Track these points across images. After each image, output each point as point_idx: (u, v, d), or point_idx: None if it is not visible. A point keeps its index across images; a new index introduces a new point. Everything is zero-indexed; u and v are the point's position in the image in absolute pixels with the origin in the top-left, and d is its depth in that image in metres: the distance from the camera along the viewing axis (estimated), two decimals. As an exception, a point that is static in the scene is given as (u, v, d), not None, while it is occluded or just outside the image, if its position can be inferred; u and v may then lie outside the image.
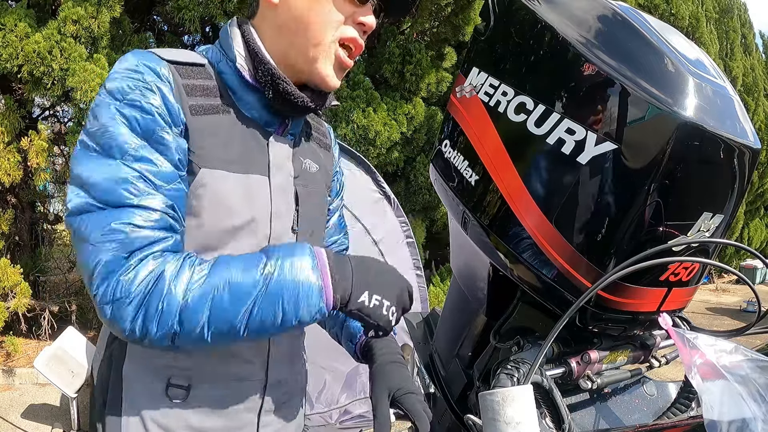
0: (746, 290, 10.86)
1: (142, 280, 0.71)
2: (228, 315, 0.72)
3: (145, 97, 0.77)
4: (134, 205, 0.73)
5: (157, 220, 0.74)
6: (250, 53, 0.87)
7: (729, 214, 0.75)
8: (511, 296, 0.89)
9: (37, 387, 4.27)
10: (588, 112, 0.71)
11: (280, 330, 0.76)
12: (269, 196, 0.89)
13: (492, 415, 0.62)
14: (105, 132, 0.75)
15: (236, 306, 0.73)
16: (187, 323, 0.72)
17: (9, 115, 4.16)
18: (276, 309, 0.74)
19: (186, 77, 0.83)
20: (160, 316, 0.71)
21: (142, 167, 0.75)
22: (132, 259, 0.71)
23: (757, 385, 0.60)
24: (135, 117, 0.76)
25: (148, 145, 0.76)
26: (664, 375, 1.00)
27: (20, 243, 5.06)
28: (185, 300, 0.72)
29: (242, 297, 0.73)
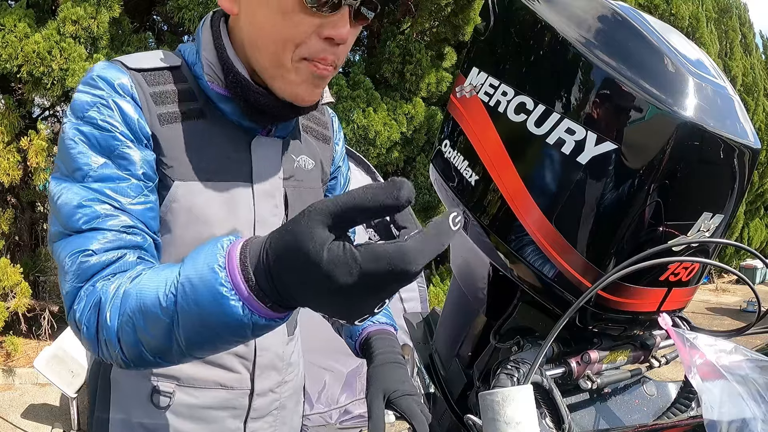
0: (746, 290, 10.87)
1: (89, 309, 0.67)
2: (157, 342, 0.60)
3: (101, 114, 0.74)
4: (91, 228, 0.70)
5: (112, 241, 0.70)
6: (219, 59, 0.80)
7: (729, 214, 0.75)
8: (511, 296, 0.89)
9: (37, 387, 4.27)
10: (588, 112, 0.71)
11: (222, 349, 0.61)
12: (251, 204, 0.84)
13: (492, 415, 0.62)
14: (67, 154, 0.74)
15: (157, 332, 0.60)
16: (126, 343, 0.63)
17: (9, 115, 4.16)
18: (200, 336, 0.57)
19: (154, 84, 0.79)
20: (108, 343, 0.65)
21: (102, 187, 0.72)
22: (84, 288, 0.69)
23: (757, 385, 0.60)
24: (94, 135, 0.73)
25: (110, 162, 0.73)
26: (664, 375, 1.00)
27: (20, 243, 5.06)
28: (119, 323, 0.63)
29: (158, 325, 0.59)
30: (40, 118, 4.97)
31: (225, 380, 0.90)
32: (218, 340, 0.57)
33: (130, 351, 0.63)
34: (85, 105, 0.75)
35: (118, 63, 0.79)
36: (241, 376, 0.91)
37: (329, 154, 1.03)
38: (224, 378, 0.90)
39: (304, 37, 0.73)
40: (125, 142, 0.75)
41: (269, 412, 0.97)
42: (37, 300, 4.68)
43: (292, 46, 0.74)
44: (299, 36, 0.73)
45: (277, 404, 0.98)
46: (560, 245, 0.73)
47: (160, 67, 0.81)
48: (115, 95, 0.75)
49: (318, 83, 0.79)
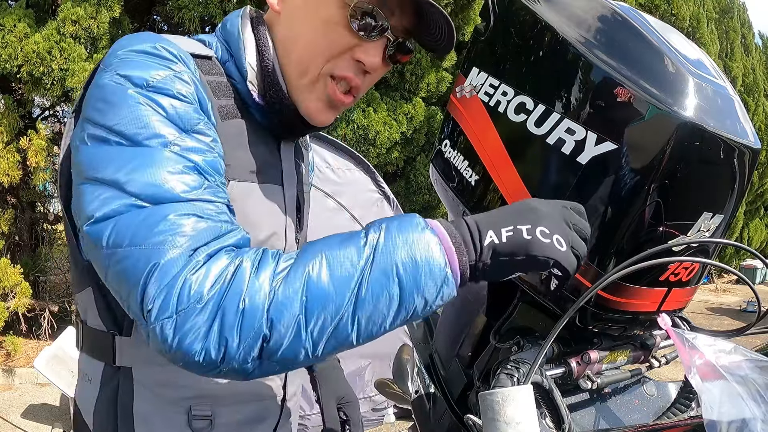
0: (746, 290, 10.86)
1: (217, 277, 0.54)
2: (330, 300, 0.54)
3: (177, 86, 0.65)
4: (190, 198, 0.59)
5: (219, 213, 0.60)
6: (262, 69, 0.76)
7: (729, 214, 0.75)
8: (511, 296, 0.89)
9: (37, 387, 4.27)
10: (588, 112, 0.71)
11: (399, 317, 0.57)
12: (284, 207, 0.83)
13: (492, 415, 0.62)
14: (134, 120, 0.61)
15: (339, 285, 0.54)
16: (280, 320, 0.53)
17: (8, 115, 4.16)
18: (390, 283, 0.55)
19: (206, 72, 0.73)
20: (242, 320, 0.53)
21: (192, 156, 0.62)
22: (199, 255, 0.55)
23: (757, 385, 0.60)
24: (172, 105, 0.63)
25: (190, 134, 0.64)
26: (664, 375, 1.00)
27: (20, 243, 5.06)
28: (273, 291, 0.54)
29: (345, 273, 0.55)
30: (39, 118, 4.98)
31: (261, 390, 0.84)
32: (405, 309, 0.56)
33: (282, 323, 0.53)
34: (154, 74, 0.64)
35: (173, 40, 0.70)
36: (275, 383, 0.87)
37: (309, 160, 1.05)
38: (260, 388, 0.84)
39: (338, 53, 0.73)
40: (205, 119, 0.67)
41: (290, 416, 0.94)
42: (37, 300, 4.68)
43: (324, 58, 0.73)
44: (334, 50, 0.73)
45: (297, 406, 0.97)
46: (560, 245, 0.73)
47: (203, 55, 0.74)
48: (188, 72, 0.67)
49: (332, 106, 0.78)
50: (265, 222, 0.78)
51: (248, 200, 0.75)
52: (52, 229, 5.51)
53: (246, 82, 0.76)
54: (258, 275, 0.55)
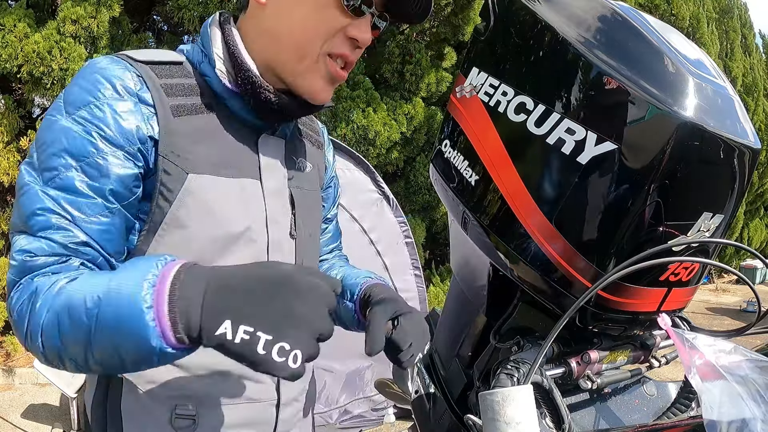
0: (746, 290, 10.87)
1: (24, 298, 0.67)
2: (75, 348, 0.61)
3: (90, 117, 0.71)
4: (40, 236, 0.69)
5: (57, 251, 0.69)
6: (230, 56, 0.80)
7: (729, 214, 0.75)
8: (511, 296, 0.89)
9: (37, 387, 4.27)
10: (588, 112, 0.71)
11: (132, 370, 0.62)
12: (263, 201, 0.83)
13: (492, 415, 0.62)
14: (45, 147, 0.71)
15: (77, 337, 0.60)
16: (46, 346, 0.64)
17: (8, 114, 4.16)
18: (111, 345, 0.59)
19: (164, 77, 0.77)
20: (31, 335, 0.65)
21: (60, 196, 0.69)
22: (22, 281, 0.69)
23: (757, 385, 0.60)
24: (74, 136, 0.70)
25: (78, 167, 0.70)
26: (664, 375, 1.00)
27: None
28: (44, 318, 0.64)
29: (79, 327, 0.60)
30: (39, 118, 4.98)
31: (250, 392, 0.84)
32: (124, 356, 0.59)
33: (51, 349, 0.63)
34: (78, 102, 0.72)
35: (125, 57, 0.76)
36: (266, 386, 0.86)
37: (322, 161, 1.04)
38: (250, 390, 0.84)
39: (333, 33, 0.78)
40: (104, 150, 0.71)
41: (294, 424, 0.93)
42: (37, 300, 4.69)
43: (321, 40, 0.78)
44: (330, 31, 0.78)
45: (300, 414, 0.95)
46: (560, 245, 0.73)
47: (167, 61, 0.80)
48: (113, 98, 0.72)
49: (333, 83, 0.83)
50: (234, 215, 0.79)
51: (211, 193, 0.76)
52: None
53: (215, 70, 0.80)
54: (40, 301, 0.65)
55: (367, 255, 3.65)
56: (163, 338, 0.56)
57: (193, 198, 0.75)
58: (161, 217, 0.75)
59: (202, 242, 0.76)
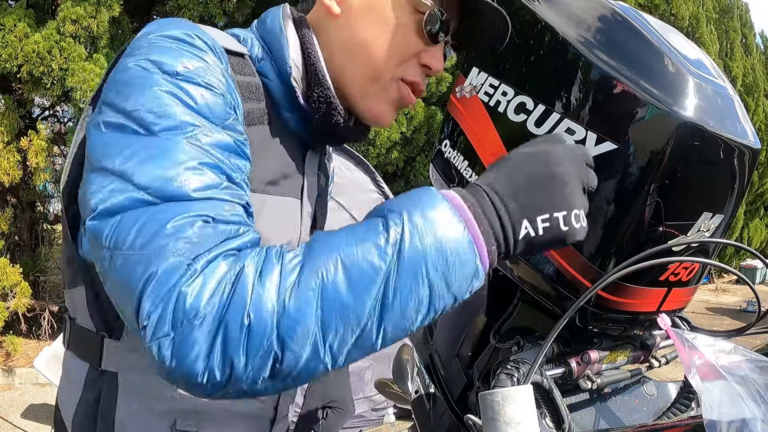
0: (746, 290, 10.86)
1: (215, 288, 0.48)
2: (350, 310, 0.49)
3: (209, 77, 0.60)
4: (202, 198, 0.53)
5: (232, 215, 0.54)
6: (307, 69, 0.72)
7: (729, 214, 0.75)
8: (511, 296, 0.89)
9: (37, 387, 4.27)
10: (588, 112, 0.71)
11: (427, 318, 0.53)
12: (299, 222, 0.78)
13: (492, 415, 0.62)
14: (157, 108, 0.56)
15: (360, 293, 0.49)
16: (292, 337, 0.47)
17: (8, 114, 4.16)
18: (420, 287, 0.51)
19: (238, 72, 0.68)
20: (248, 337, 0.47)
21: (214, 152, 0.56)
22: (198, 262, 0.49)
23: (757, 385, 0.60)
24: (203, 95, 0.58)
25: (219, 129, 0.58)
26: (664, 375, 1.00)
27: (20, 243, 5.06)
28: (281, 301, 0.48)
29: (366, 278, 0.49)
30: (39, 118, 4.97)
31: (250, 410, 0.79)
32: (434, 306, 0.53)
33: (296, 340, 0.47)
34: (184, 61, 0.59)
35: (205, 30, 0.65)
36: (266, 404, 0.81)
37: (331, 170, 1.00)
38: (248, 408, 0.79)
39: (409, 57, 0.73)
40: (236, 115, 0.62)
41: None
42: (37, 300, 4.68)
43: (396, 62, 0.73)
44: (407, 54, 0.73)
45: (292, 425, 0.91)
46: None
47: (236, 51, 0.69)
48: (221, 67, 0.63)
49: (398, 108, 0.78)
50: (275, 236, 0.69)
51: (261, 213, 0.68)
52: (52, 229, 5.51)
53: (290, 79, 0.71)
54: (263, 283, 0.48)
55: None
56: (481, 260, 0.55)
57: None
58: None
59: None
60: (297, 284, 0.49)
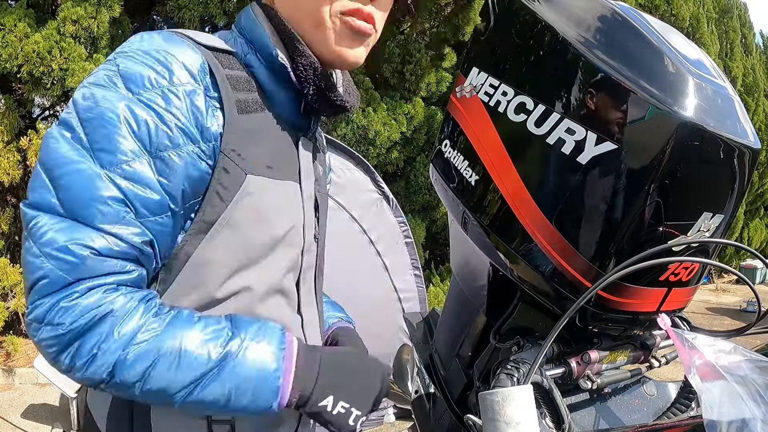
0: (746, 290, 10.86)
1: (84, 313, 0.61)
2: (167, 384, 0.64)
3: (167, 103, 0.64)
4: (103, 230, 0.62)
5: (124, 252, 0.63)
6: (286, 46, 0.76)
7: (729, 214, 0.75)
8: (511, 296, 0.89)
9: (37, 387, 4.27)
10: (588, 112, 0.71)
11: (217, 413, 0.71)
12: (302, 205, 0.82)
13: (492, 415, 0.62)
14: (101, 125, 0.62)
15: (180, 378, 0.64)
16: (119, 377, 0.63)
17: (9, 114, 4.16)
18: (222, 393, 0.66)
19: (227, 66, 0.72)
20: (92, 360, 0.62)
21: (129, 187, 0.63)
22: (79, 286, 0.61)
23: (757, 385, 0.60)
24: (147, 124, 0.63)
25: (149, 160, 0.64)
26: (664, 375, 1.00)
27: (20, 243, 5.05)
28: (125, 353, 0.62)
29: (190, 371, 0.64)
30: (40, 118, 4.97)
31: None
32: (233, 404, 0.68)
33: (120, 380, 0.63)
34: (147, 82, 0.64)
35: (186, 39, 0.70)
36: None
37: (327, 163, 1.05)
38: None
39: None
40: (180, 146, 0.66)
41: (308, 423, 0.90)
42: (37, 300, 4.68)
43: (327, 3, 0.74)
44: None
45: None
46: (560, 245, 0.73)
47: (225, 49, 0.74)
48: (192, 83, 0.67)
49: (357, 39, 0.78)
50: (282, 218, 0.77)
51: (264, 196, 0.73)
52: (52, 229, 5.49)
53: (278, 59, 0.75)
54: (120, 329, 0.63)
55: (367, 255, 3.64)
56: (279, 403, 0.69)
57: (250, 200, 0.71)
58: (214, 217, 0.70)
59: (252, 245, 0.73)
60: (144, 345, 0.63)
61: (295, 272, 0.82)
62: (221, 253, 0.71)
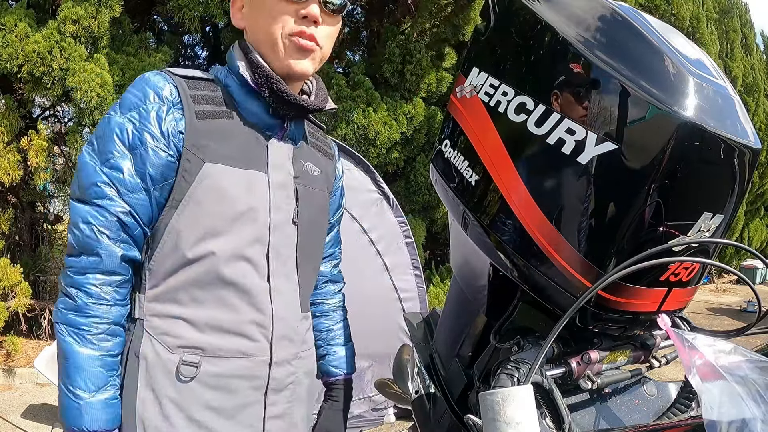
0: (746, 290, 10.86)
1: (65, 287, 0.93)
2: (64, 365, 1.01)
3: (141, 114, 0.93)
4: (97, 205, 0.91)
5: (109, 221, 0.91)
6: (248, 62, 0.99)
7: (729, 214, 0.75)
8: (511, 296, 0.89)
9: (37, 387, 4.27)
10: (588, 112, 0.71)
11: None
12: (268, 190, 1.00)
13: (492, 415, 0.62)
14: (101, 137, 0.93)
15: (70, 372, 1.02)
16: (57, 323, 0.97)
17: (9, 114, 4.16)
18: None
19: (193, 88, 0.98)
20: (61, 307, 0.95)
21: (114, 174, 0.91)
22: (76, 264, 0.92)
23: (757, 385, 0.60)
24: (129, 131, 0.93)
25: (129, 155, 0.92)
26: (664, 375, 1.00)
27: (20, 243, 5.05)
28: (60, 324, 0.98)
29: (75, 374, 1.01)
30: (40, 118, 4.97)
31: (246, 348, 0.99)
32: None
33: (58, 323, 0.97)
34: (130, 105, 0.94)
35: (168, 72, 0.98)
36: (261, 344, 1.00)
37: (332, 169, 1.21)
38: (246, 346, 0.99)
39: (285, 20, 0.96)
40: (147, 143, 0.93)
41: (286, 385, 1.04)
42: (37, 300, 4.67)
43: (278, 28, 0.96)
44: (281, 20, 0.96)
45: (293, 378, 1.06)
46: (560, 245, 0.73)
47: (199, 77, 1.00)
48: (156, 103, 0.94)
49: (301, 54, 0.98)
50: (241, 197, 0.96)
51: (223, 179, 0.95)
52: (52, 229, 5.50)
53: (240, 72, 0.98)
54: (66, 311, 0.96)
55: (367, 255, 3.64)
56: None
57: (209, 181, 0.94)
58: (181, 195, 0.94)
59: (214, 217, 0.94)
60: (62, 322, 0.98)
61: (262, 245, 0.99)
62: (188, 223, 0.94)
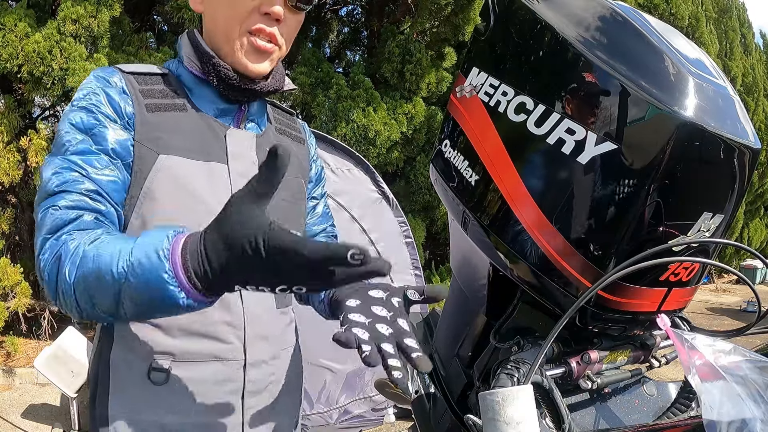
0: (746, 290, 10.86)
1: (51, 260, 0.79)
2: (107, 304, 0.73)
3: (90, 100, 0.90)
4: (60, 191, 0.84)
5: (76, 201, 0.83)
6: (195, 51, 0.97)
7: (729, 214, 0.75)
8: (511, 296, 0.89)
9: (37, 387, 4.27)
10: (588, 112, 0.71)
11: (165, 315, 0.76)
12: (228, 181, 0.95)
13: (492, 415, 0.62)
14: (58, 137, 0.89)
15: (107, 296, 0.73)
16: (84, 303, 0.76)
17: (9, 114, 4.16)
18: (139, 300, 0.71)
19: (143, 84, 0.95)
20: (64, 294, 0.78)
21: (76, 158, 0.86)
22: (49, 240, 0.81)
23: (757, 385, 0.60)
24: (81, 117, 0.88)
25: (87, 137, 0.87)
26: (664, 375, 1.00)
27: (20, 243, 5.05)
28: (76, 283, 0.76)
29: (109, 290, 0.72)
30: (40, 118, 4.97)
31: (219, 351, 0.94)
32: (157, 313, 0.72)
33: (85, 305, 0.75)
34: (80, 97, 0.90)
35: (115, 67, 0.95)
36: (234, 346, 0.95)
37: (305, 153, 1.14)
38: (218, 349, 0.93)
39: (245, 15, 0.91)
40: (104, 122, 0.88)
41: (265, 387, 0.99)
42: (37, 300, 4.67)
43: (237, 22, 0.92)
44: (242, 13, 0.91)
45: (272, 378, 1.01)
46: (560, 245, 0.73)
47: (148, 72, 0.96)
48: (106, 86, 0.91)
49: (259, 55, 0.94)
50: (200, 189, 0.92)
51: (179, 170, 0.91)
52: (52, 228, 5.49)
53: (186, 62, 0.97)
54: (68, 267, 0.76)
55: (367, 255, 3.64)
56: (184, 292, 0.67)
57: (164, 174, 0.89)
58: (138, 191, 0.89)
59: (172, 212, 0.89)
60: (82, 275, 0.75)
61: None
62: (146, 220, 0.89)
